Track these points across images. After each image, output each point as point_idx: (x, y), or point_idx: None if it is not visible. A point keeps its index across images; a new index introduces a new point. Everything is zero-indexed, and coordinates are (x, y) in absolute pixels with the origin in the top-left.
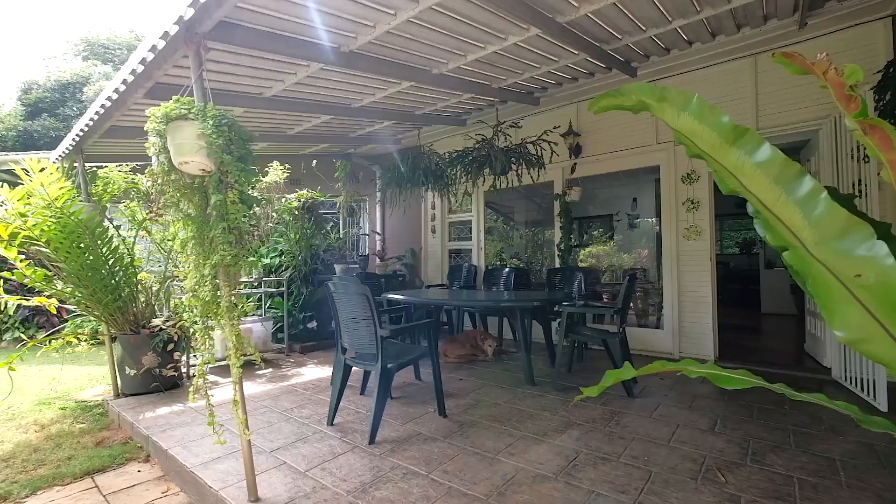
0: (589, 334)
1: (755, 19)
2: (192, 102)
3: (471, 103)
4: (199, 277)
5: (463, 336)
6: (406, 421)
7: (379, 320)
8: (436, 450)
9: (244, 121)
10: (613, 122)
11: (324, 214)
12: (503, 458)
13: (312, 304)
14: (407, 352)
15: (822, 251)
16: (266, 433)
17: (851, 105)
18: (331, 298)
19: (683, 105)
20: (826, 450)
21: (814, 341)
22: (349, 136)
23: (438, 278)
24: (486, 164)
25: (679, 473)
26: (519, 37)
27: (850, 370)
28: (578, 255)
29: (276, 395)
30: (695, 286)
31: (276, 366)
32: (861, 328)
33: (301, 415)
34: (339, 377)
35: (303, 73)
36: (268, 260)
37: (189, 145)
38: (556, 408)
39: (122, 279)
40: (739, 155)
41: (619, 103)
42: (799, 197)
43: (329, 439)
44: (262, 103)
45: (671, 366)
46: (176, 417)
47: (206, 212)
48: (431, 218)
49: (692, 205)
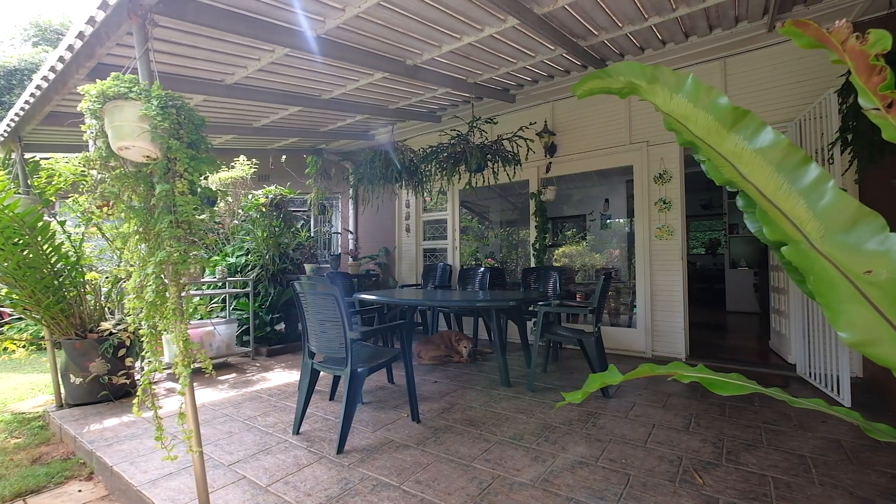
0: (564, 334)
1: (727, 20)
2: (135, 80)
3: (446, 99)
4: (143, 276)
5: (437, 337)
6: (377, 427)
7: (349, 322)
8: (408, 458)
9: (205, 110)
10: (588, 121)
11: (294, 212)
12: (479, 465)
13: (280, 306)
14: (379, 354)
15: (828, 245)
16: (225, 444)
17: (875, 78)
18: (297, 299)
19: (677, 86)
20: (797, 447)
21: (778, 338)
22: (320, 131)
23: (413, 278)
24: (462, 160)
25: (657, 476)
26: (496, 28)
27: (814, 366)
28: (553, 254)
29: (238, 403)
30: (667, 285)
31: (241, 370)
32: (869, 329)
33: (265, 423)
34: (305, 383)
35: (267, 58)
36: (233, 259)
37: (130, 128)
38: (532, 410)
39: (68, 279)
40: (738, 140)
41: (606, 86)
42: (803, 186)
43: (294, 449)
44: (223, 91)
45: (661, 370)
46: (125, 429)
47: (151, 203)
48: (406, 216)
49: (664, 205)
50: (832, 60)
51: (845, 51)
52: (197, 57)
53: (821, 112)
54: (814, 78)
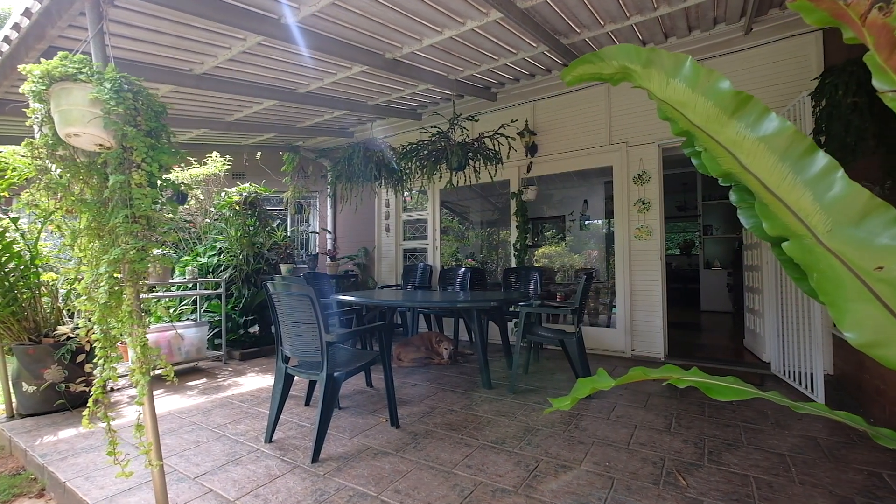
0: (546, 335)
1: (706, 21)
2: (86, 61)
3: (426, 96)
4: (96, 276)
5: (417, 338)
6: (355, 434)
7: (325, 324)
8: (387, 465)
9: (173, 102)
10: (569, 121)
11: (269, 211)
12: (460, 472)
13: (255, 307)
14: (357, 358)
15: (836, 240)
16: (192, 455)
17: None
18: (270, 300)
19: (674, 70)
20: (775, 445)
21: (752, 337)
22: (296, 127)
23: (392, 278)
24: (443, 157)
25: (641, 479)
26: (478, 21)
27: (788, 364)
28: (534, 255)
29: (207, 410)
30: (646, 285)
31: (211, 375)
32: (878, 329)
33: (235, 431)
34: (279, 388)
35: (238, 47)
36: (205, 259)
37: (79, 113)
38: (514, 412)
39: (20, 280)
40: (739, 128)
41: (597, 71)
42: (810, 176)
43: (266, 459)
44: (191, 81)
45: (654, 374)
46: (82, 441)
47: (104, 197)
48: (385, 216)
49: (643, 205)
50: (846, 39)
51: (864, 25)
52: (161, 43)
53: (795, 115)
54: (788, 81)
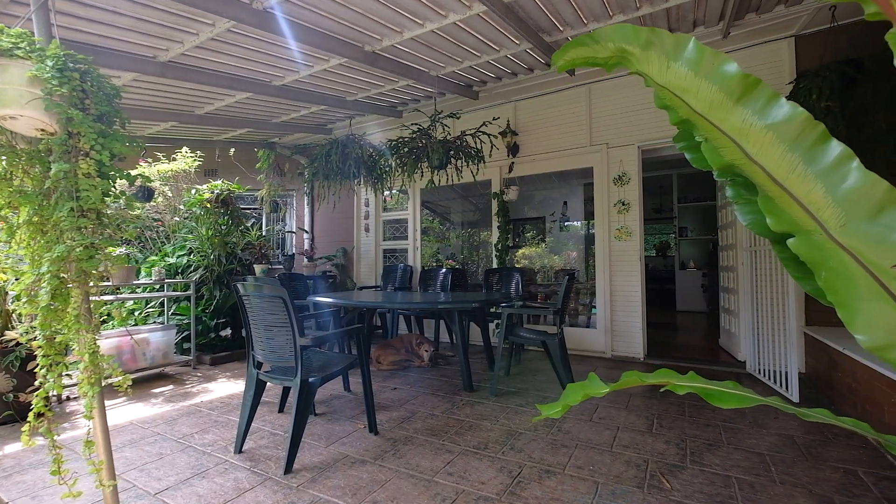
0: (528, 336)
1: (685, 23)
2: (24, 35)
3: (407, 93)
4: (38, 276)
5: (397, 340)
6: (331, 441)
7: (300, 327)
8: (365, 475)
9: (138, 91)
10: (550, 121)
11: (243, 209)
12: (441, 480)
13: (227, 310)
14: (333, 362)
15: (849, 235)
16: (153, 469)
17: None
18: (240, 302)
19: (675, 52)
20: (754, 444)
21: (728, 336)
22: (272, 122)
23: (372, 279)
24: (424, 155)
25: (625, 482)
26: (461, 14)
27: (762, 363)
28: (515, 255)
29: (173, 419)
30: (626, 285)
31: (179, 381)
32: (893, 331)
33: (203, 442)
34: (250, 395)
35: (206, 32)
36: (173, 259)
37: (15, 93)
38: (496, 416)
39: None
40: (746, 115)
41: (591, 55)
42: (822, 167)
43: (235, 471)
44: (156, 69)
45: (651, 379)
46: (31, 456)
47: (46, 187)
48: (365, 215)
49: (623, 206)
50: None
51: None
52: (121, 26)
53: None
54: None
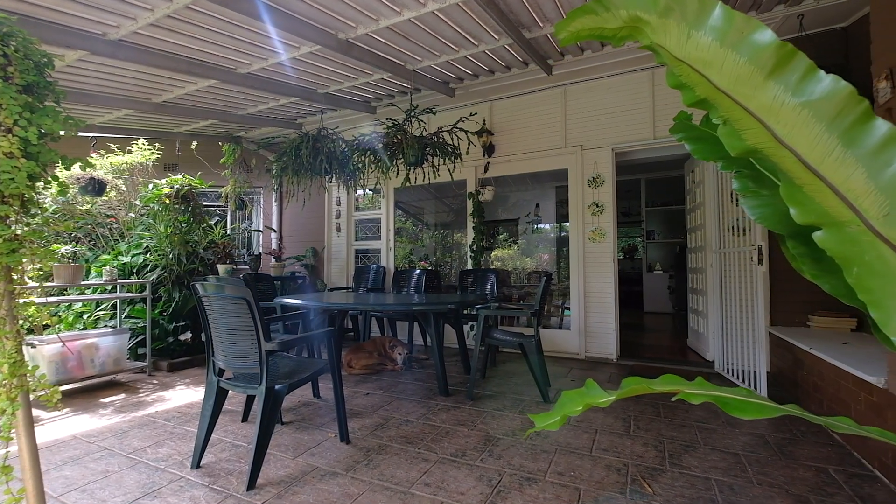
0: (505, 338)
1: None
2: None
3: (382, 87)
4: None
5: (370, 343)
6: (299, 452)
7: (266, 330)
8: (336, 489)
9: (87, 73)
10: (527, 122)
11: (206, 206)
12: (418, 492)
13: (187, 312)
14: (302, 368)
15: (894, 227)
16: (97, 489)
17: None
18: (200, 304)
19: (698, 18)
20: (729, 445)
21: (696, 337)
22: (237, 114)
23: (343, 280)
24: (399, 150)
25: (606, 488)
26: (439, 3)
27: (730, 363)
28: (490, 256)
29: (123, 431)
30: (599, 287)
31: (132, 390)
32: None
33: (156, 456)
34: (210, 405)
35: (163, 8)
36: (127, 258)
37: None
38: (473, 421)
39: None
40: (777, 91)
41: (599, 25)
42: (866, 150)
43: (192, 489)
44: (106, 49)
45: (659, 386)
46: None
47: None
48: (336, 214)
49: (597, 208)
50: None
51: None
52: None
53: None
54: None
